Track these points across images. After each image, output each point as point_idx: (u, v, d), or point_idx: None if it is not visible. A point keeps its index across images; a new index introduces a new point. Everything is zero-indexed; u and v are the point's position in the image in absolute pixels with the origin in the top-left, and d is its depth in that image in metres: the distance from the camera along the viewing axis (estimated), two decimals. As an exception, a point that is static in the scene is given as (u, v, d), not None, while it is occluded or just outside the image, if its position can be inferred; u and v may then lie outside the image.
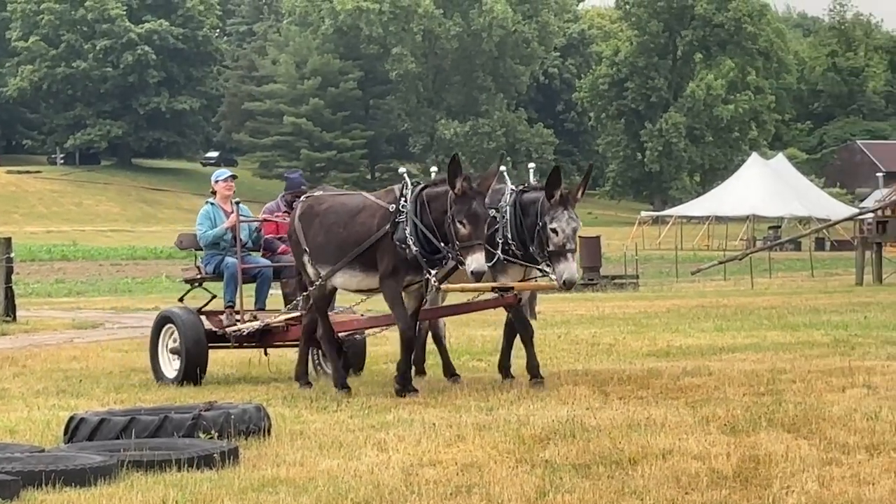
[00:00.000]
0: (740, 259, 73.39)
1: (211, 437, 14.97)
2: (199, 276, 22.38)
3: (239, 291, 21.40)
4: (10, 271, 39.87)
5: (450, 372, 19.82)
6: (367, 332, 21.12)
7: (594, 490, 12.09)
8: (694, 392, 18.25)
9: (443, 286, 18.31)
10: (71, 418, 15.95)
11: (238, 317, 21.03)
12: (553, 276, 17.98)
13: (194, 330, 20.50)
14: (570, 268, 17.43)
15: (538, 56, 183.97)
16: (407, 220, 17.48)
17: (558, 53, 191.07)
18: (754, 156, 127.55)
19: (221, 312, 21.38)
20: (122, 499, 12.13)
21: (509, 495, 11.97)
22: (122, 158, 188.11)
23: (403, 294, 18.36)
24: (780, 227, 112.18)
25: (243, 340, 21.19)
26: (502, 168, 18.90)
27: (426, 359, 20.93)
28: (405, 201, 17.66)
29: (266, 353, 22.33)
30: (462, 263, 17.17)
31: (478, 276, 16.95)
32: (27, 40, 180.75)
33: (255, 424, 15.70)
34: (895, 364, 21.12)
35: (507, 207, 17.99)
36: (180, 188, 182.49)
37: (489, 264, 17.78)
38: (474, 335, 28.34)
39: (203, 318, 21.36)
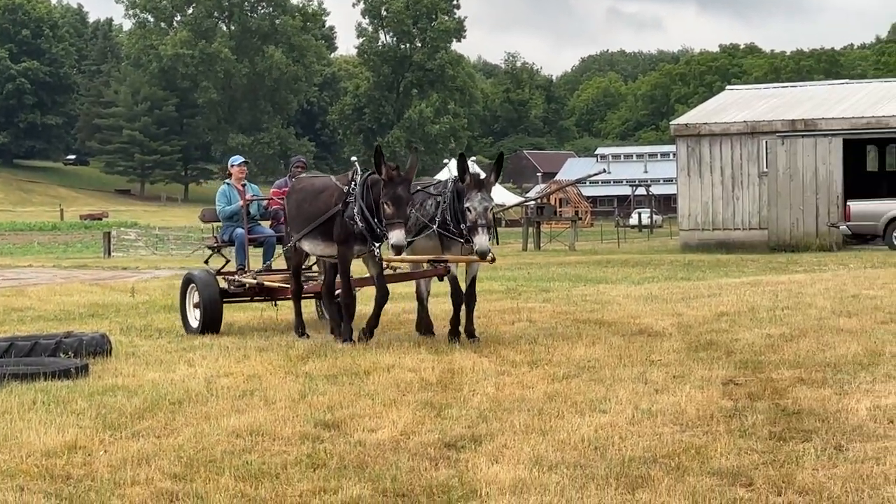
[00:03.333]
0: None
1: (69, 357, 14.80)
2: (216, 244, 20.45)
3: (247, 255, 19.61)
4: (-77, 239, 39.31)
5: (429, 327, 17.66)
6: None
7: (340, 393, 12.08)
8: (410, 325, 18.29)
9: (385, 258, 16.52)
10: (-33, 344, 15.72)
11: (248, 276, 19.17)
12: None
13: (210, 288, 18.78)
14: (482, 240, 15.68)
15: (303, 90, 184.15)
16: (355, 201, 16.26)
17: (317, 88, 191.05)
18: (453, 160, 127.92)
19: (234, 273, 19.52)
20: (4, 401, 11.93)
21: (280, 396, 11.93)
22: (6, 159, 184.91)
23: (365, 261, 17.06)
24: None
25: (254, 294, 19.38)
26: (446, 161, 17.79)
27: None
28: (354, 185, 16.42)
29: (275, 305, 20.56)
30: (386, 237, 15.78)
31: (396, 249, 15.58)
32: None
33: (100, 348, 15.56)
34: (548, 305, 21.29)
35: (448, 194, 16.54)
36: (48, 181, 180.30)
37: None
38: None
39: (220, 278, 19.45)
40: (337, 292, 17.48)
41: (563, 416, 10.61)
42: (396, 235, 15.39)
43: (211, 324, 18.43)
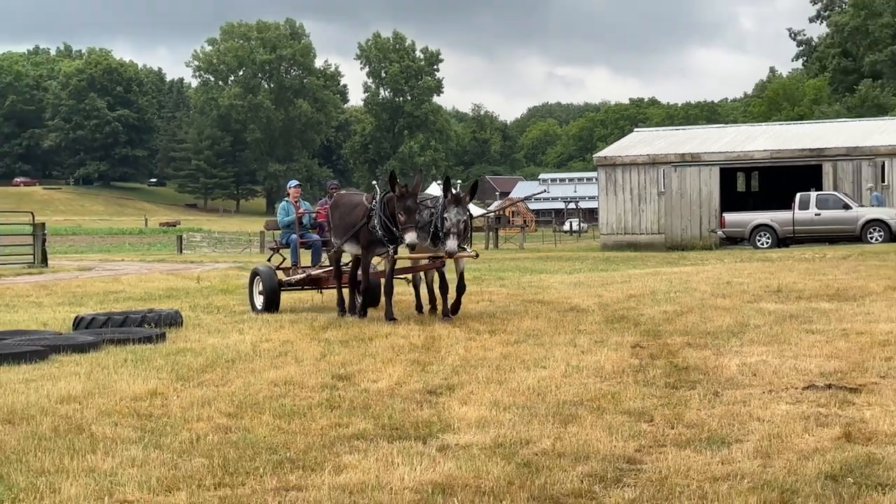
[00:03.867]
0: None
1: (151, 327, 14.77)
2: (276, 247, 20.08)
3: (299, 255, 19.32)
4: (44, 240, 39.09)
5: (419, 307, 17.35)
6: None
7: (350, 353, 12.07)
8: (402, 303, 18.27)
9: (395, 256, 16.01)
10: (76, 317, 15.70)
11: (300, 271, 18.78)
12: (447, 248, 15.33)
13: (271, 280, 18.17)
14: (452, 243, 15.05)
15: (324, 131, 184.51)
16: (376, 215, 15.89)
17: (334, 129, 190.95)
18: (434, 184, 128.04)
19: (289, 269, 19.09)
20: (103, 359, 11.91)
21: (307, 356, 11.92)
22: (105, 182, 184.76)
23: (382, 260, 16.64)
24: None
25: (304, 285, 18.84)
26: (438, 182, 17.27)
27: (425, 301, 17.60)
28: (375, 202, 16.03)
29: (321, 293, 19.83)
30: (402, 238, 15.24)
31: (411, 246, 15.25)
32: (54, 119, 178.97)
33: (174, 321, 15.51)
34: (504, 289, 21.30)
35: (440, 208, 15.76)
36: (136, 198, 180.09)
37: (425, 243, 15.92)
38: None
39: (280, 272, 18.81)
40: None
41: (514, 370, 10.62)
42: (410, 236, 15.08)
43: (270, 306, 17.95)
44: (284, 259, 19.71)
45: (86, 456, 7.33)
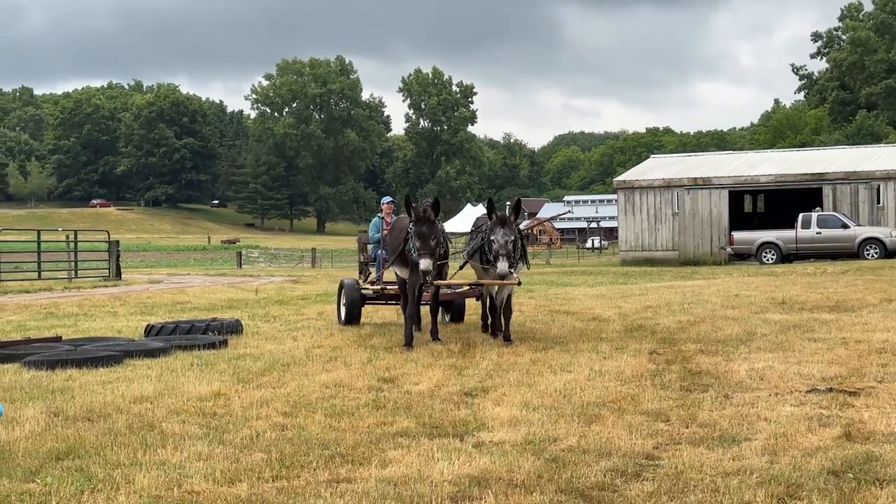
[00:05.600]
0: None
1: (214, 334, 14.82)
2: (366, 261, 18.26)
3: (382, 270, 17.21)
4: (118, 256, 39.29)
5: (485, 327, 15.45)
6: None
7: (394, 358, 12.07)
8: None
9: (436, 282, 14.36)
10: (147, 325, 15.76)
11: (377, 285, 17.25)
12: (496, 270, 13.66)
13: (353, 292, 17.11)
14: (502, 266, 13.31)
15: (369, 157, 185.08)
16: (411, 239, 14.28)
17: (378, 156, 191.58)
18: (468, 206, 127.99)
19: (373, 283, 17.37)
20: (171, 363, 11.96)
21: (355, 361, 11.93)
22: (172, 203, 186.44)
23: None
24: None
25: (388, 298, 17.43)
26: (476, 205, 15.70)
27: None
28: (412, 227, 14.26)
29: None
30: (417, 264, 13.79)
31: (425, 273, 13.65)
32: (126, 147, 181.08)
33: (235, 329, 15.55)
34: (532, 301, 21.17)
35: (487, 231, 14.25)
36: (200, 218, 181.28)
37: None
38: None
39: (367, 285, 17.52)
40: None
41: (542, 374, 10.60)
42: (424, 263, 13.65)
43: (351, 317, 17.09)
44: (371, 273, 18.43)
45: (157, 450, 7.37)
